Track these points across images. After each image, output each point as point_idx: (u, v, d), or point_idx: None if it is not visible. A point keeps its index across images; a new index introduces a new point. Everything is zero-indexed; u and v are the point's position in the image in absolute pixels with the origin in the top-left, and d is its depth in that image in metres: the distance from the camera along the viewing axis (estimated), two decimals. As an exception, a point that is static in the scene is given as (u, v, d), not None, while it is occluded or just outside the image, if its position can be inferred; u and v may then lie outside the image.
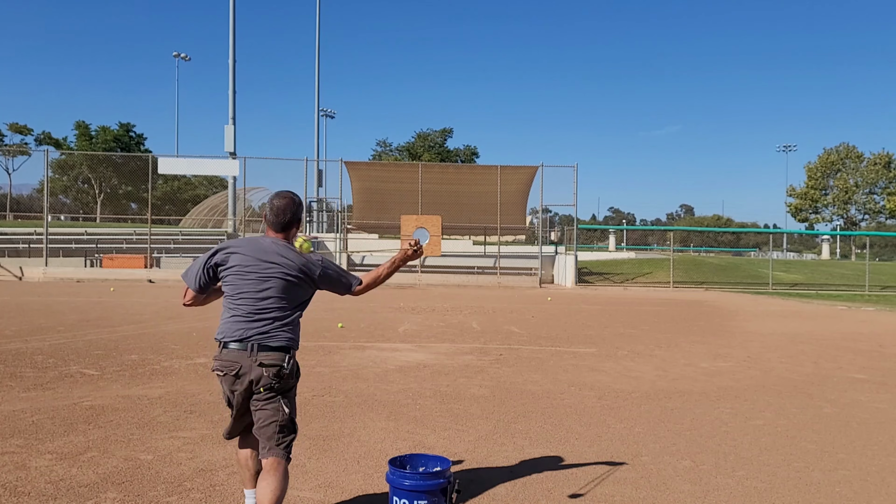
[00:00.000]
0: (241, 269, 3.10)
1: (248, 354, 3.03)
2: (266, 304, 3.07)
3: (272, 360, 3.03)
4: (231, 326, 3.08)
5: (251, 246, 3.15)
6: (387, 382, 6.77)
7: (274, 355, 3.04)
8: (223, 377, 3.09)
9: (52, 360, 7.55)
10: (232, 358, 3.04)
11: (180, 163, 28.45)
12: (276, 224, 3.18)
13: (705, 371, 7.82)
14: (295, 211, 3.20)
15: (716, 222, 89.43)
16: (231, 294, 3.12)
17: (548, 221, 38.43)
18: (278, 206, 3.17)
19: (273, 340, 3.05)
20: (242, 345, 3.04)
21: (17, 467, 4.01)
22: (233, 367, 3.04)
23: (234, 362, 3.04)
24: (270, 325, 3.06)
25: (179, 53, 63.19)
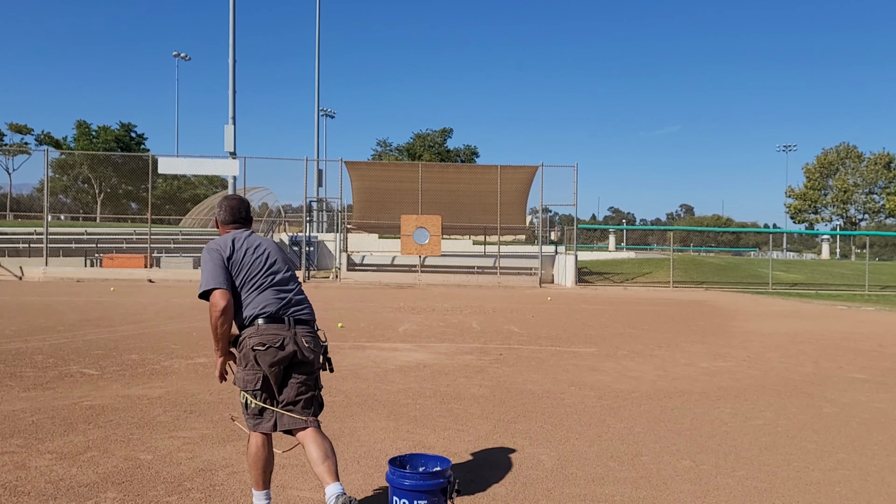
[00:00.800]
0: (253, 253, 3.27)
1: (287, 328, 3.18)
2: (290, 282, 3.32)
3: (310, 332, 3.25)
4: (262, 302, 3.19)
5: (242, 236, 3.34)
6: (387, 382, 6.77)
7: (310, 328, 3.27)
8: (264, 351, 3.12)
9: (52, 360, 7.55)
10: (274, 331, 3.15)
11: (180, 162, 28.43)
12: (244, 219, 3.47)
13: (705, 371, 7.82)
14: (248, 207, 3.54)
15: (716, 222, 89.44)
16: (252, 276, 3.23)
17: (548, 221, 38.43)
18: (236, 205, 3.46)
19: (305, 314, 3.28)
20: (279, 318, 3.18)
21: (17, 467, 4.01)
22: (276, 339, 3.13)
23: (276, 334, 3.14)
24: (299, 300, 3.30)
25: (179, 53, 63.22)
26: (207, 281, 3.13)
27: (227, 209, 3.42)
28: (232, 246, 3.24)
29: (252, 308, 3.16)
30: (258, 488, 3.27)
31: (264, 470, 3.26)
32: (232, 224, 3.41)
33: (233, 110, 34.78)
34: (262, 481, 3.27)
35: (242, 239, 3.30)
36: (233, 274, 3.20)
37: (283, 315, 3.18)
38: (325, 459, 3.08)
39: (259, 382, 3.14)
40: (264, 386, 3.15)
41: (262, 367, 3.13)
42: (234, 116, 34.85)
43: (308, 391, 3.20)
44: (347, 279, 26.11)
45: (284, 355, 3.13)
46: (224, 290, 3.12)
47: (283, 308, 3.20)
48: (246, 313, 3.17)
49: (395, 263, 28.28)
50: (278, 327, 3.15)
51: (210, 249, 3.22)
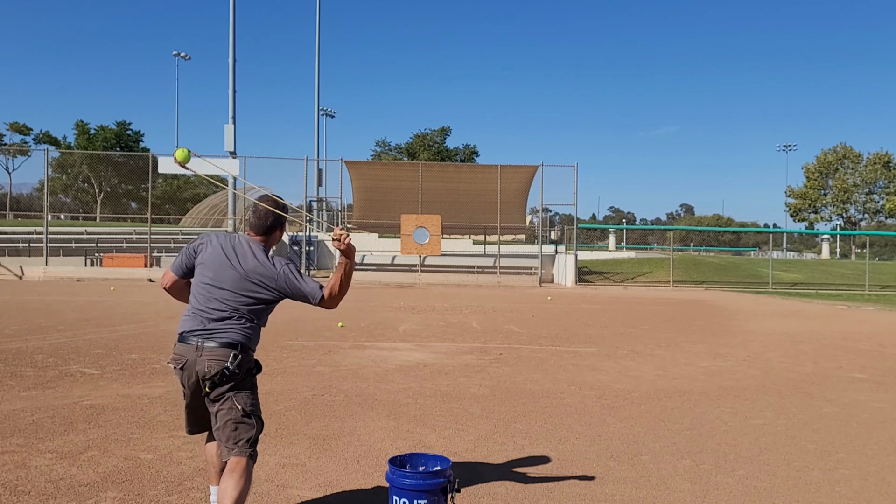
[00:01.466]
0: (207, 261, 3.11)
1: (195, 350, 3.00)
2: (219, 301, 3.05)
3: (216, 356, 2.98)
4: (185, 319, 3.10)
5: (226, 240, 3.18)
6: (387, 382, 6.77)
7: (219, 352, 2.98)
8: (175, 369, 3.07)
9: (52, 360, 7.55)
10: (180, 351, 3.04)
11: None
12: (258, 227, 3.18)
13: (705, 370, 7.82)
14: (277, 216, 3.17)
15: (716, 222, 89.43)
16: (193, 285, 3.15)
17: (548, 221, 38.42)
18: (261, 210, 3.16)
19: (219, 337, 3.00)
20: (191, 339, 3.02)
21: (18, 466, 4.01)
22: (180, 360, 3.03)
23: (180, 356, 3.03)
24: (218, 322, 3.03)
25: (179, 52, 63.14)
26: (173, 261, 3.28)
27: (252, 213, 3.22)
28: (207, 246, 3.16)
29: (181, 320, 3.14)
30: (212, 483, 3.32)
31: (214, 465, 3.27)
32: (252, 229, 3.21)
33: (233, 110, 34.78)
34: (216, 476, 3.28)
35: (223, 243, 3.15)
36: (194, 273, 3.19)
37: (188, 337, 3.02)
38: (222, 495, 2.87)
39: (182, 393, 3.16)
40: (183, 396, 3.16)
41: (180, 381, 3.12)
42: (234, 116, 34.85)
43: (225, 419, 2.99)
44: (347, 279, 26.07)
45: (188, 377, 3.03)
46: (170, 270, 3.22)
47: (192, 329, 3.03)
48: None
49: (395, 263, 28.28)
50: (184, 348, 3.03)
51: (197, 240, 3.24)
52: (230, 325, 3.04)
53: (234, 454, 2.96)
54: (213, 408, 3.03)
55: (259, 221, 3.16)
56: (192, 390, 3.08)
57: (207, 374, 2.97)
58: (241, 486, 2.89)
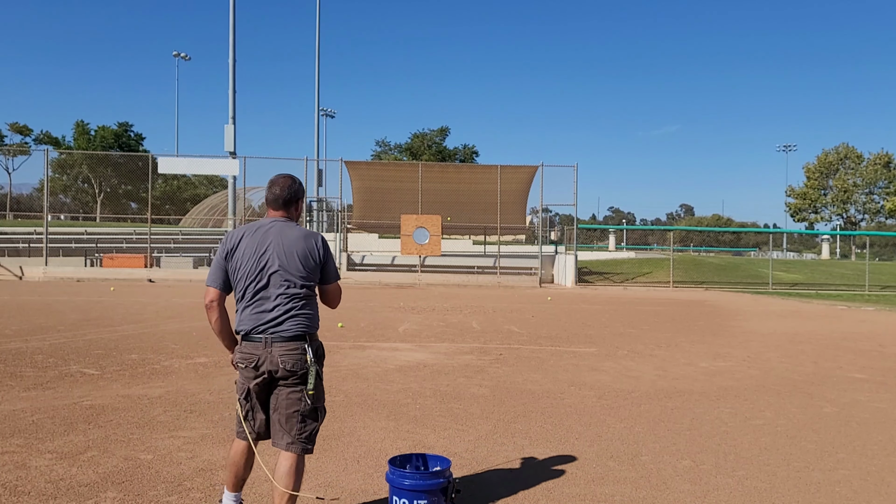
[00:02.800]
0: (245, 257, 3.06)
1: (264, 346, 3.00)
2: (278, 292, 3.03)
3: (288, 350, 2.99)
4: (243, 317, 3.06)
5: (253, 229, 3.13)
6: (387, 382, 6.77)
7: (290, 345, 3.00)
8: (244, 368, 3.05)
9: (52, 360, 7.55)
10: (248, 350, 3.03)
11: (180, 162, 28.43)
12: (284, 202, 3.15)
13: (705, 371, 7.82)
14: (296, 189, 3.17)
15: (716, 222, 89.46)
16: (240, 283, 3.07)
17: (548, 221, 38.43)
18: (280, 183, 3.16)
19: (286, 331, 3.01)
20: (258, 336, 3.01)
21: (17, 466, 4.01)
22: (251, 358, 3.01)
23: (251, 354, 3.02)
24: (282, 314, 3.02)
25: (179, 53, 63.20)
26: (208, 276, 3.14)
27: (269, 187, 3.19)
28: (237, 242, 3.10)
29: (237, 320, 3.09)
30: (229, 489, 3.26)
31: (236, 475, 3.23)
32: (271, 206, 3.18)
33: (233, 110, 34.81)
34: (233, 484, 3.24)
35: (255, 233, 3.10)
36: (230, 274, 3.11)
37: (257, 334, 3.01)
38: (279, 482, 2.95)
39: (244, 393, 3.10)
40: (248, 397, 3.09)
41: (244, 380, 3.09)
42: (234, 116, 34.89)
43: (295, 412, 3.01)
44: (347, 279, 26.11)
45: (258, 375, 3.02)
46: (211, 287, 3.09)
47: (259, 325, 3.02)
48: (235, 324, 3.11)
49: (395, 263, 28.28)
50: (253, 346, 3.02)
51: (222, 242, 3.16)
52: (293, 313, 3.03)
53: (295, 449, 2.99)
54: (279, 398, 3.01)
55: (275, 196, 3.14)
56: (260, 388, 3.04)
57: (282, 368, 2.97)
58: (298, 482, 2.98)
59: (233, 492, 3.25)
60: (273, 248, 3.05)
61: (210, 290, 3.10)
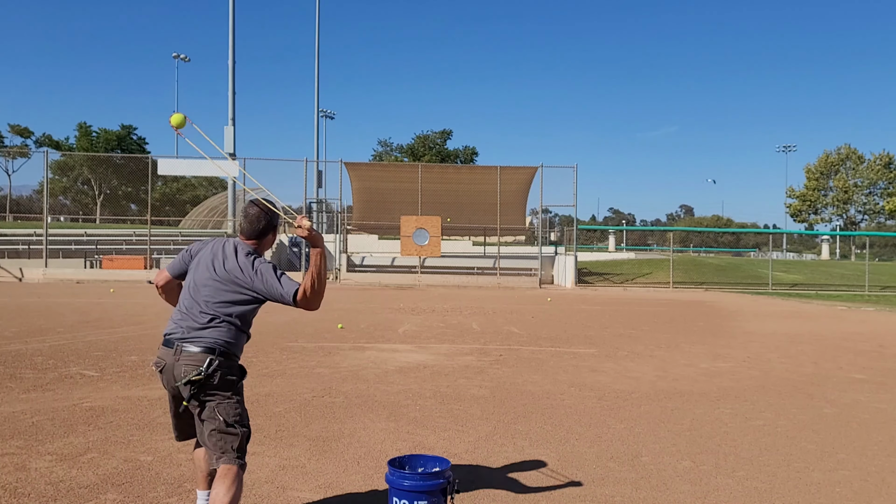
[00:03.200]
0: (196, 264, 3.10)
1: (173, 353, 2.94)
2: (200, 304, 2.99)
3: (192, 362, 2.90)
4: (170, 321, 3.07)
5: (217, 244, 3.14)
6: (387, 383, 6.77)
7: (197, 357, 2.90)
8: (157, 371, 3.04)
9: (51, 362, 7.54)
10: (161, 354, 3.00)
11: (180, 164, 28.44)
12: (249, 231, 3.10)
13: (705, 371, 7.82)
14: (269, 219, 3.11)
15: (715, 223, 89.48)
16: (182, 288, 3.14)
17: (547, 222, 38.44)
18: (252, 214, 3.09)
19: (197, 343, 2.93)
20: (170, 343, 2.97)
21: (17, 468, 4.00)
22: (160, 363, 2.99)
23: (161, 359, 2.99)
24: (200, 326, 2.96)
25: (179, 54, 63.19)
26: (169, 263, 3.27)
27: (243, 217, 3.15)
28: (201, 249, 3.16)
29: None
30: (202, 488, 3.28)
31: (202, 470, 3.24)
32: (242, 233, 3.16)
33: (232, 111, 34.84)
34: (202, 481, 3.27)
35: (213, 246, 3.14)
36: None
37: (172, 339, 2.97)
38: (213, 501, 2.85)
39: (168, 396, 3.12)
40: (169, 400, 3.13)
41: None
42: (234, 118, 34.92)
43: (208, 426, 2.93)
44: (347, 280, 26.11)
45: (166, 381, 3.00)
46: (164, 269, 3.24)
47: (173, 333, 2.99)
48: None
49: (394, 264, 28.28)
50: (164, 351, 2.99)
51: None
52: (210, 330, 2.95)
53: (223, 462, 2.90)
54: (197, 415, 2.97)
55: (251, 226, 3.09)
56: (173, 394, 3.02)
57: (182, 379, 2.89)
58: (233, 494, 2.83)
59: (204, 489, 3.26)
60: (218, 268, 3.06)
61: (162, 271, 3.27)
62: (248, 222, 3.10)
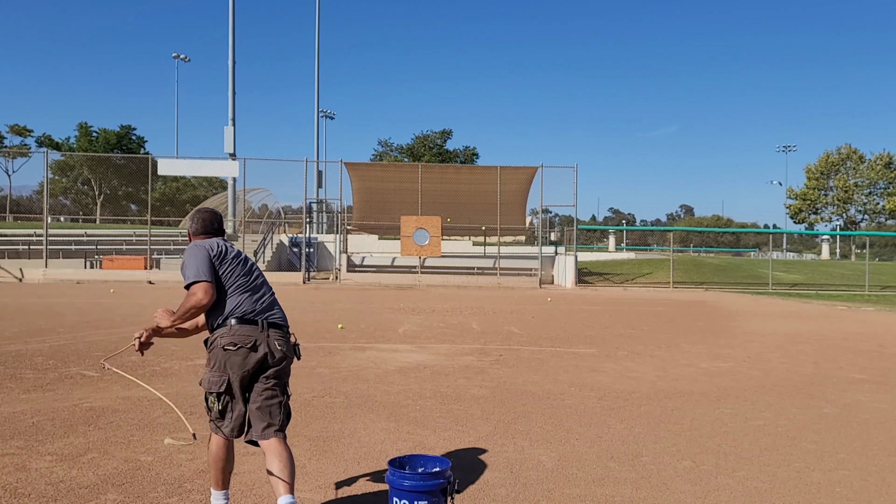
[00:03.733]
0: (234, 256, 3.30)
1: (260, 330, 3.17)
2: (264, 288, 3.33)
3: (282, 336, 3.23)
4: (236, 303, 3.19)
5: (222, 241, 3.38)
6: (387, 383, 6.77)
7: (282, 332, 3.25)
8: (235, 351, 3.10)
9: (52, 362, 7.55)
10: (245, 332, 3.13)
11: (180, 164, 28.45)
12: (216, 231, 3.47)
13: (705, 371, 7.82)
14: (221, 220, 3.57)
15: (715, 222, 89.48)
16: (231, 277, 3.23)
17: (547, 222, 38.44)
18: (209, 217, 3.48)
19: (278, 318, 3.27)
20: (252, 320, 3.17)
21: (18, 469, 4.01)
22: (248, 339, 3.12)
23: (248, 335, 3.13)
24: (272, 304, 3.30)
25: (179, 54, 63.19)
26: (196, 273, 3.14)
27: (200, 221, 3.45)
28: (216, 246, 3.27)
29: (227, 308, 3.18)
30: (216, 488, 3.29)
31: (223, 470, 3.26)
32: (204, 235, 3.42)
33: (232, 112, 34.84)
34: (221, 481, 3.28)
35: (223, 243, 3.34)
36: (218, 269, 3.21)
37: (256, 318, 3.18)
38: (282, 471, 3.06)
39: (223, 385, 3.12)
40: (228, 390, 3.13)
41: (228, 371, 3.12)
42: (234, 118, 34.92)
43: (275, 397, 3.17)
44: (347, 280, 26.11)
45: (255, 357, 3.12)
46: (209, 282, 3.14)
47: (257, 311, 3.21)
48: (221, 314, 3.19)
49: (394, 264, 28.28)
50: (251, 328, 3.14)
51: (195, 246, 3.25)
52: (279, 308, 3.34)
53: (277, 434, 3.13)
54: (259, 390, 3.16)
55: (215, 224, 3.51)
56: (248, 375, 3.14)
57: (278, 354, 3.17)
58: (292, 461, 3.11)
59: (220, 489, 3.27)
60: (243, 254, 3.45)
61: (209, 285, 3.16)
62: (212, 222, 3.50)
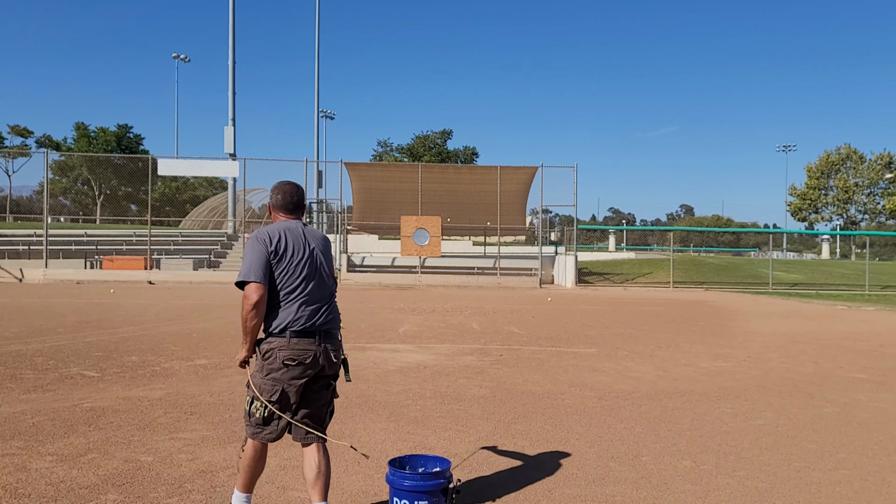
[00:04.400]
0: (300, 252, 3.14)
1: (318, 343, 3.13)
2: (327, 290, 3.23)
3: (336, 347, 3.22)
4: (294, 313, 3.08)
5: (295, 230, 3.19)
6: (387, 383, 6.77)
7: (337, 342, 3.23)
8: (294, 366, 3.07)
9: (52, 362, 7.55)
10: (304, 346, 3.10)
11: (180, 164, 28.44)
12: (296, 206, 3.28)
13: (706, 371, 7.82)
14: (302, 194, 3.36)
15: (716, 222, 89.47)
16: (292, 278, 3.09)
17: (548, 222, 38.44)
18: (291, 190, 3.27)
19: (333, 326, 3.22)
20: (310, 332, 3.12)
21: (18, 469, 4.01)
22: (307, 354, 3.10)
23: (306, 350, 3.10)
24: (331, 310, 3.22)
25: (179, 55, 63.17)
26: (247, 271, 3.01)
27: (282, 193, 3.24)
28: (281, 239, 3.10)
29: (284, 317, 3.06)
30: (242, 490, 3.27)
31: (254, 476, 3.25)
32: (284, 211, 3.25)
33: (232, 112, 34.85)
34: (249, 485, 3.27)
35: (294, 233, 3.15)
36: (273, 269, 3.07)
37: (313, 329, 3.10)
38: (319, 478, 3.13)
39: (277, 395, 3.07)
40: (280, 400, 3.09)
41: (283, 382, 3.07)
42: (234, 118, 34.92)
43: (326, 405, 3.28)
44: (347, 280, 26.11)
45: (312, 372, 3.13)
46: (259, 283, 2.99)
47: (315, 322, 3.11)
48: (277, 321, 3.07)
49: (395, 264, 28.28)
50: (309, 342, 3.08)
51: (257, 238, 3.09)
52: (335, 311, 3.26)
53: (319, 440, 3.19)
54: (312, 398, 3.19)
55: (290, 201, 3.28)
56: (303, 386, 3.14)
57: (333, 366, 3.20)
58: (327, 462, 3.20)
59: (246, 493, 3.27)
60: (317, 250, 3.21)
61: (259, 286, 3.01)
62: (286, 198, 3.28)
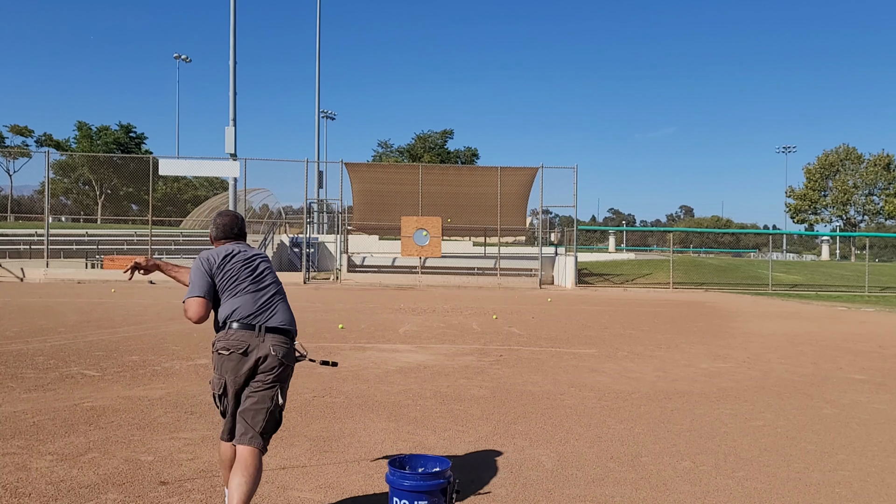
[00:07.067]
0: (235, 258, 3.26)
1: (256, 334, 3.11)
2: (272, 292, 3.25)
3: (282, 342, 3.15)
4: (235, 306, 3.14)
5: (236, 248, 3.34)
6: (387, 383, 6.78)
7: (281, 337, 3.16)
8: (227, 356, 3.09)
9: (52, 362, 7.56)
10: (239, 337, 3.09)
11: (181, 164, 28.44)
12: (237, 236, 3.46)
13: (705, 372, 7.82)
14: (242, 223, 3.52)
15: (715, 223, 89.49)
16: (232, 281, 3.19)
17: (548, 222, 38.45)
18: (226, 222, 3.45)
19: (280, 323, 3.18)
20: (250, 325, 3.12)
21: (18, 468, 4.01)
22: (240, 345, 3.08)
23: (241, 341, 3.08)
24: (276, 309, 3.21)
25: (180, 55, 63.21)
26: (191, 288, 3.16)
27: (220, 227, 3.43)
28: (224, 256, 3.26)
29: (225, 311, 3.15)
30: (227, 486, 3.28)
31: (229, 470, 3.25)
32: (224, 241, 3.41)
33: (233, 112, 34.80)
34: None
35: (235, 250, 3.32)
36: (216, 282, 3.19)
37: (253, 322, 3.13)
38: (239, 488, 2.94)
39: (221, 388, 3.12)
40: (226, 392, 3.12)
41: (225, 375, 3.11)
42: (235, 118, 34.87)
43: (260, 403, 3.08)
44: (348, 280, 26.12)
45: (247, 362, 3.08)
46: (199, 297, 3.12)
47: (253, 314, 3.15)
48: (220, 316, 3.17)
49: (395, 265, 28.28)
50: (247, 334, 3.10)
51: (200, 258, 3.25)
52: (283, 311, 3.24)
53: (252, 443, 3.05)
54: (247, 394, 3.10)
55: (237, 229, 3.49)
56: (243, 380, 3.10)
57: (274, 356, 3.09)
58: (256, 478, 3.00)
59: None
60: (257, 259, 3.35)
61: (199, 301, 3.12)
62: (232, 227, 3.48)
